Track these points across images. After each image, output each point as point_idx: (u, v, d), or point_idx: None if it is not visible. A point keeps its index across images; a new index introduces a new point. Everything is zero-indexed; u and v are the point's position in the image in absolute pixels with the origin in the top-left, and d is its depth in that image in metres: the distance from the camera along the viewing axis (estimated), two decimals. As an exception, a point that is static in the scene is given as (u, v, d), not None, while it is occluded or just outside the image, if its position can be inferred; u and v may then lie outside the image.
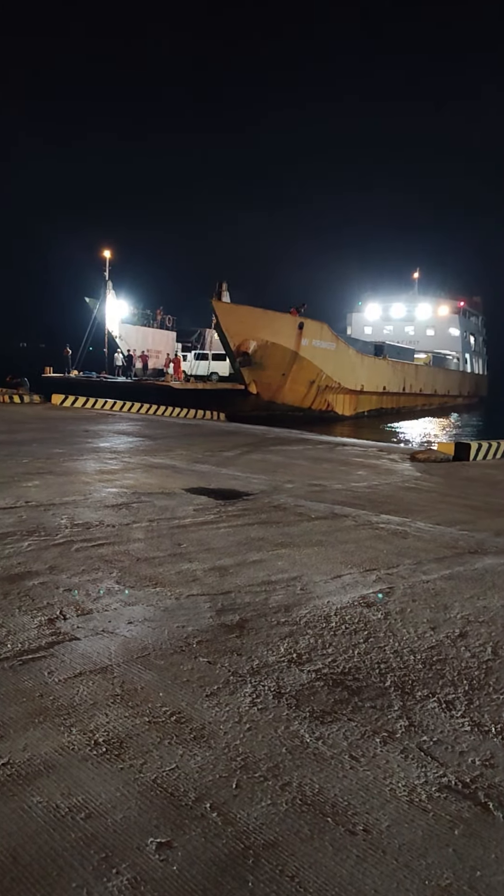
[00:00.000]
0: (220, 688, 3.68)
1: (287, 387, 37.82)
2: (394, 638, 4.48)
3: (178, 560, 6.04)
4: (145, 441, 15.55)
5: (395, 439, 32.78)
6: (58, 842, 2.47)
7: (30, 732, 3.18)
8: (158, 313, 46.48)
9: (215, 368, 41.04)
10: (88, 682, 3.69)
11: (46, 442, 14.37)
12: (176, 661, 4.00)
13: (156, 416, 24.72)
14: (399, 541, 7.09)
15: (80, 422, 19.56)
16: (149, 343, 43.90)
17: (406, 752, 3.13)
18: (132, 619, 4.62)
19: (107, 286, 42.17)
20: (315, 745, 3.16)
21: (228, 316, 35.14)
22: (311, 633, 4.51)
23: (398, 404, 50.48)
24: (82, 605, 4.87)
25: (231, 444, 15.38)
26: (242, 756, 3.05)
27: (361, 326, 68.98)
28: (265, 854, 2.45)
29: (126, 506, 8.22)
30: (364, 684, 3.80)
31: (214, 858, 2.42)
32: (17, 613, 4.65)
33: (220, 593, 5.22)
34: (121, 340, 42.69)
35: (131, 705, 3.46)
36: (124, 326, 43.34)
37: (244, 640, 4.33)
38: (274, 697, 3.60)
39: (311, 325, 38.02)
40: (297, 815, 2.67)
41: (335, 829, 2.60)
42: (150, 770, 2.92)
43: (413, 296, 70.08)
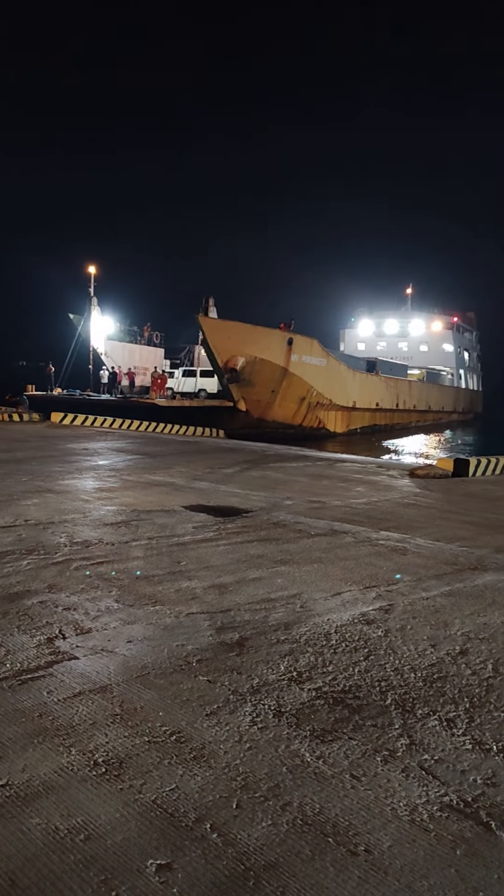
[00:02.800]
0: (220, 707, 3.67)
1: (277, 404, 37.29)
2: (394, 655, 4.46)
3: (178, 578, 6.03)
4: (144, 458, 15.56)
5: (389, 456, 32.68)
6: (57, 864, 2.45)
7: (29, 753, 3.16)
8: (146, 330, 45.90)
9: (203, 385, 40.25)
10: (88, 702, 3.67)
11: (46, 460, 14.38)
12: (176, 679, 3.98)
13: (155, 433, 24.76)
14: (399, 557, 7.08)
15: (79, 440, 19.58)
16: (135, 360, 43.13)
17: (407, 771, 3.11)
18: (131, 638, 4.60)
19: (91, 302, 41.56)
20: (316, 765, 3.14)
21: (216, 332, 34.49)
22: (312, 650, 4.49)
23: (391, 421, 50.24)
24: (81, 623, 4.85)
25: (230, 461, 15.39)
26: (243, 776, 3.03)
27: (354, 343, 69.05)
28: (266, 875, 2.43)
29: (125, 524, 8.21)
30: (365, 702, 3.78)
31: (215, 880, 2.40)
32: (16, 633, 4.64)
33: (219, 611, 5.20)
34: (106, 357, 41.89)
35: (131, 725, 3.44)
36: (110, 343, 42.58)
37: (244, 659, 4.32)
38: (274, 716, 3.58)
39: (300, 341, 37.57)
40: (297, 835, 2.65)
41: (336, 849, 2.58)
42: (150, 790, 2.90)
43: (406, 312, 70.34)
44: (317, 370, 39.04)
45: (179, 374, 42.20)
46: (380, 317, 70.48)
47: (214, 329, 34.56)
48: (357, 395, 44.26)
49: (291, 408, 38.34)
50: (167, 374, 40.67)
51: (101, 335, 42.09)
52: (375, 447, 37.11)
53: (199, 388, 40.44)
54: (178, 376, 41.82)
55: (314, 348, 39.12)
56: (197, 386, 40.67)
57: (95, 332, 41.73)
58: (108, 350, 42.52)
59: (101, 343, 42.11)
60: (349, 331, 71.24)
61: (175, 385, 40.60)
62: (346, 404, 42.81)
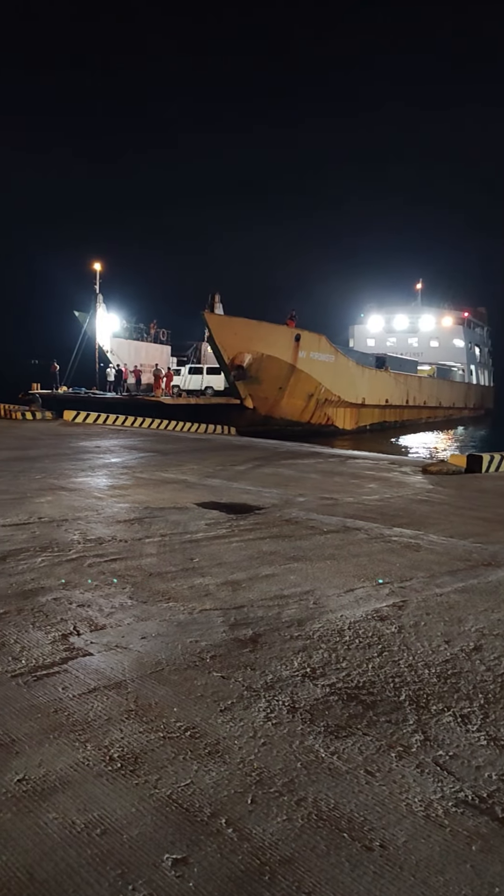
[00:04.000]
0: (235, 703, 3.68)
1: (284, 401, 36.91)
2: (408, 652, 4.45)
3: (191, 575, 6.04)
4: (156, 456, 15.60)
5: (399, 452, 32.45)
6: (74, 858, 2.47)
7: (45, 748, 3.18)
8: (152, 327, 45.50)
9: (210, 382, 39.74)
10: (102, 698, 3.69)
11: (58, 458, 14.45)
12: (190, 676, 4.00)
13: (167, 430, 24.81)
14: (412, 554, 7.07)
15: (91, 438, 19.66)
16: (142, 357, 42.77)
17: (422, 767, 3.11)
18: (145, 634, 4.62)
19: (97, 299, 41.24)
20: (330, 760, 3.14)
21: (222, 328, 34.14)
22: (325, 647, 4.49)
23: (401, 417, 49.76)
24: (95, 620, 4.88)
25: (242, 458, 15.40)
26: (257, 771, 3.04)
27: (364, 338, 68.64)
28: (281, 870, 2.43)
29: (138, 521, 8.24)
30: (379, 698, 3.78)
31: (230, 874, 2.41)
32: (31, 629, 4.67)
33: (232, 608, 5.21)
34: (112, 355, 41.59)
35: (146, 721, 3.46)
36: (115, 340, 42.29)
37: (258, 655, 4.33)
38: (288, 712, 3.59)
39: (308, 337, 37.09)
40: (312, 830, 2.65)
41: (351, 844, 2.58)
42: (165, 786, 2.91)
43: (416, 307, 69.89)
44: (325, 366, 38.61)
45: (186, 371, 41.72)
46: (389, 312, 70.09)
47: (221, 326, 34.22)
48: (366, 391, 43.82)
49: (299, 405, 37.98)
50: (173, 372, 40.31)
51: (106, 333, 41.85)
52: (385, 444, 36.74)
53: (205, 385, 39.95)
54: (184, 374, 41.35)
55: (322, 344, 38.70)
56: (203, 383, 40.16)
57: (101, 330, 41.46)
58: (114, 348, 42.17)
59: (106, 341, 41.81)
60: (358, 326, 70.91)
61: (181, 382, 40.18)
62: (354, 401, 42.39)
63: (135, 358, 42.64)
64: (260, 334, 35.10)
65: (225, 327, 34.24)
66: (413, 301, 70.95)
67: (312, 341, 37.65)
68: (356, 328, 71.00)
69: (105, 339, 41.64)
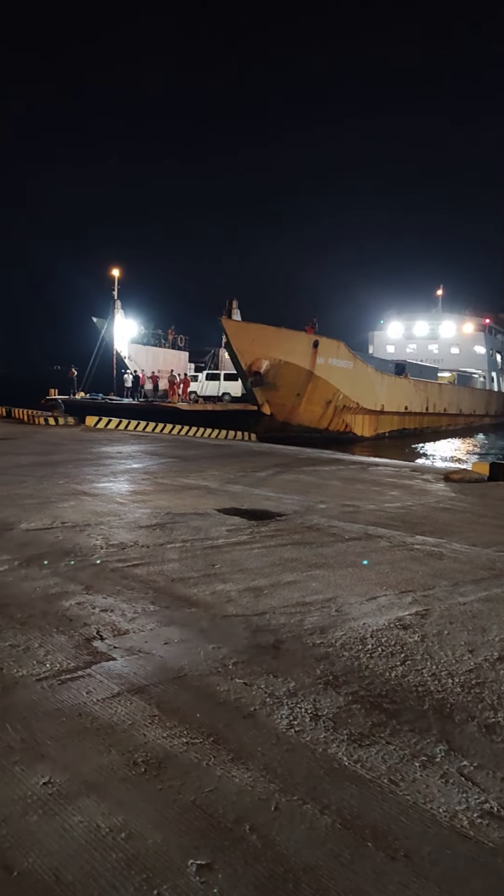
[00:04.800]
0: (257, 709, 3.68)
1: (302, 407, 36.63)
2: (431, 661, 4.43)
3: (213, 581, 6.06)
4: (178, 462, 15.66)
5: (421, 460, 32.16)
6: (99, 862, 2.49)
7: (70, 752, 3.21)
8: (170, 333, 45.56)
9: (227, 389, 39.63)
10: (126, 703, 3.71)
11: (81, 463, 14.57)
12: (212, 682, 4.01)
13: (188, 436, 24.90)
14: (435, 562, 7.03)
15: (112, 443, 19.79)
16: (159, 363, 42.67)
17: (446, 777, 3.09)
18: (168, 640, 4.64)
19: (115, 305, 41.35)
20: (353, 769, 3.14)
21: (239, 334, 34.00)
22: (348, 655, 4.48)
23: (421, 425, 49.35)
24: (118, 625, 4.91)
25: (263, 465, 15.41)
26: (281, 778, 3.04)
27: (384, 345, 68.33)
28: (306, 878, 2.43)
29: (160, 526, 8.28)
30: (402, 707, 3.76)
31: (255, 881, 2.41)
32: (54, 633, 4.71)
33: (254, 614, 5.22)
34: (129, 361, 41.59)
35: (169, 726, 3.47)
36: (133, 346, 42.29)
37: (280, 662, 4.33)
38: (311, 720, 3.59)
39: (326, 344, 36.86)
40: (336, 838, 2.65)
41: (376, 854, 2.57)
42: (189, 791, 2.92)
43: (436, 313, 69.48)
44: (343, 373, 38.36)
45: (203, 377, 41.63)
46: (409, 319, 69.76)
47: (238, 332, 34.13)
48: (385, 398, 43.52)
49: (317, 411, 37.71)
50: (190, 378, 40.26)
51: (124, 338, 41.99)
52: (405, 451, 36.47)
53: (222, 391, 39.91)
54: (201, 380, 41.25)
55: (341, 351, 38.48)
56: (220, 389, 40.11)
57: (119, 336, 41.61)
58: (132, 353, 42.28)
59: (124, 346, 41.94)
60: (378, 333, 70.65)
61: (198, 388, 40.07)
62: (373, 408, 42.11)
63: (152, 364, 42.69)
64: (278, 340, 34.98)
65: (242, 333, 34.18)
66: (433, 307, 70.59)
67: (331, 347, 37.46)
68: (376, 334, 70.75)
69: (123, 344, 41.77)
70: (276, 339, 35.00)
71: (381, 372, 44.25)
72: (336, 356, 37.91)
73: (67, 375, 41.59)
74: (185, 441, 22.48)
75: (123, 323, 41.86)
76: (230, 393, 39.30)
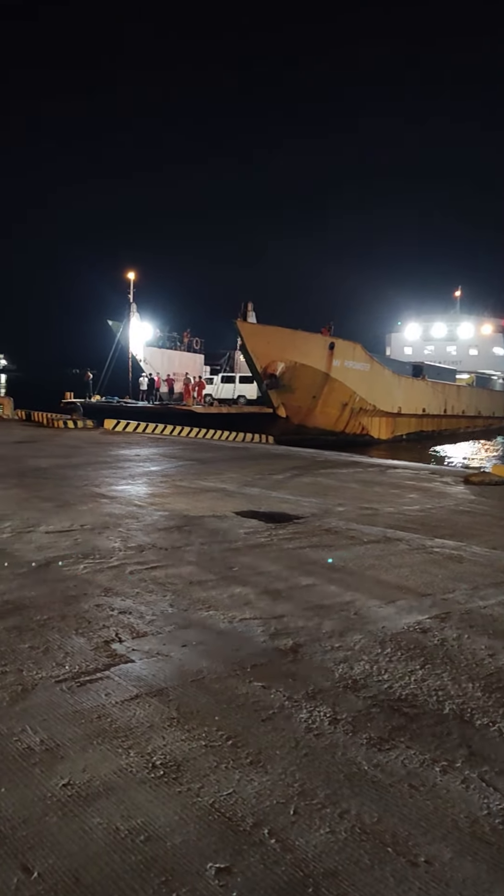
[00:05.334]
0: (276, 713, 3.67)
1: (318, 410, 36.32)
2: (451, 664, 4.39)
3: (231, 583, 6.06)
4: (195, 464, 15.69)
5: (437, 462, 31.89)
6: (118, 864, 2.49)
7: (89, 754, 3.22)
8: (185, 336, 45.47)
9: (242, 391, 39.50)
10: (145, 705, 3.72)
11: (99, 466, 14.64)
12: (231, 685, 4.00)
13: (205, 439, 24.95)
14: (454, 565, 6.97)
15: (131, 446, 19.87)
16: (175, 366, 42.65)
17: (467, 782, 3.06)
18: (186, 642, 4.65)
19: (130, 308, 41.34)
20: (373, 773, 3.11)
21: (254, 337, 33.81)
22: (366, 658, 4.45)
23: (439, 427, 48.81)
24: (137, 627, 4.92)
25: (280, 467, 15.39)
26: (299, 782, 3.02)
27: (401, 347, 67.89)
28: (325, 883, 2.42)
29: (178, 529, 8.30)
30: (422, 711, 3.73)
31: (274, 886, 2.40)
32: (73, 635, 4.73)
33: (272, 617, 5.21)
34: (145, 364, 41.56)
35: (187, 729, 3.47)
36: (149, 349, 42.26)
37: (298, 665, 4.31)
38: (330, 723, 3.57)
39: (342, 346, 36.51)
40: (356, 843, 2.63)
41: (396, 859, 2.55)
42: (208, 794, 2.92)
43: (455, 315, 69.02)
44: (360, 375, 38.00)
45: (218, 380, 41.51)
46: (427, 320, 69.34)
47: (253, 334, 33.95)
48: (402, 400, 43.10)
49: (333, 414, 37.42)
50: (205, 381, 40.11)
51: (139, 341, 41.96)
52: (422, 454, 36.15)
53: (237, 394, 39.72)
54: (216, 382, 41.15)
55: (357, 353, 38.13)
56: (236, 392, 39.92)
57: (134, 339, 41.54)
58: (147, 356, 42.28)
59: (139, 349, 41.90)
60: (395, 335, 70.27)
61: (213, 391, 39.96)
62: (390, 410, 41.70)
63: (168, 367, 42.64)
64: (293, 343, 34.76)
65: (258, 336, 34.00)
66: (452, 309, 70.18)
67: (347, 349, 37.15)
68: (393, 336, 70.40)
69: (138, 347, 41.79)
70: (292, 341, 34.79)
71: (398, 374, 43.88)
72: (352, 358, 37.58)
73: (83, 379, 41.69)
74: (203, 444, 22.52)
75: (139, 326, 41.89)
76: (245, 395, 39.19)
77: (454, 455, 38.54)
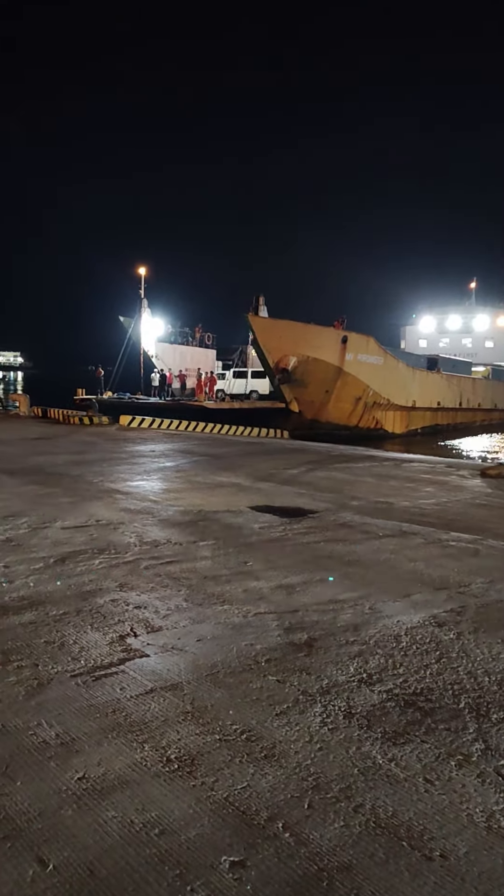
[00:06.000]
0: (290, 707, 3.66)
1: (331, 404, 35.99)
2: (467, 658, 4.36)
3: (245, 578, 6.06)
4: (210, 460, 15.70)
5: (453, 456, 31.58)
6: (133, 857, 2.50)
7: (104, 748, 3.23)
8: (197, 331, 45.16)
9: (255, 386, 39.03)
10: (159, 699, 3.73)
11: (115, 462, 14.70)
12: (245, 679, 4.00)
13: (220, 434, 24.97)
14: (470, 559, 6.92)
15: (146, 442, 19.93)
16: (187, 362, 42.33)
17: (483, 777, 3.04)
18: (201, 637, 4.65)
19: (142, 304, 41.03)
20: (388, 767, 3.10)
21: (266, 331, 33.48)
22: (381, 652, 4.44)
23: (454, 420, 48.28)
24: (152, 622, 4.93)
25: (295, 462, 15.37)
26: (314, 776, 3.02)
27: (416, 339, 67.37)
28: (339, 877, 2.41)
29: (192, 524, 8.31)
30: (437, 705, 3.71)
31: (288, 879, 2.40)
32: (89, 630, 4.76)
33: (287, 611, 5.20)
34: (157, 359, 41.30)
35: (202, 723, 3.48)
36: (160, 345, 41.97)
37: (313, 660, 4.30)
38: (344, 717, 3.56)
39: (355, 339, 36.12)
40: (371, 837, 2.62)
41: (411, 853, 2.54)
42: (222, 788, 2.92)
43: (470, 307, 68.45)
44: (373, 369, 37.60)
45: (230, 375, 41.10)
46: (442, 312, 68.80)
47: (265, 328, 33.62)
48: (417, 394, 42.62)
49: (346, 408, 37.05)
50: (217, 376, 39.72)
51: (151, 337, 41.72)
52: (437, 448, 35.73)
53: (250, 389, 39.32)
54: (228, 377, 40.73)
55: (370, 346, 37.70)
56: (248, 387, 39.51)
57: (146, 335, 41.29)
58: (159, 352, 42.02)
59: (151, 345, 41.60)
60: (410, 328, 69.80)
61: (226, 387, 39.56)
62: (404, 404, 41.30)
63: (180, 362, 42.34)
64: (305, 336, 34.40)
65: (269, 330, 33.66)
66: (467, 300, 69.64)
67: (360, 343, 36.75)
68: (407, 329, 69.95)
69: (150, 343, 41.61)
70: (304, 335, 34.44)
71: (412, 367, 43.49)
72: (365, 352, 37.19)
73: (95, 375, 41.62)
74: (217, 439, 22.54)
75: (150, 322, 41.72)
76: (258, 391, 38.80)
77: (470, 448, 38.24)
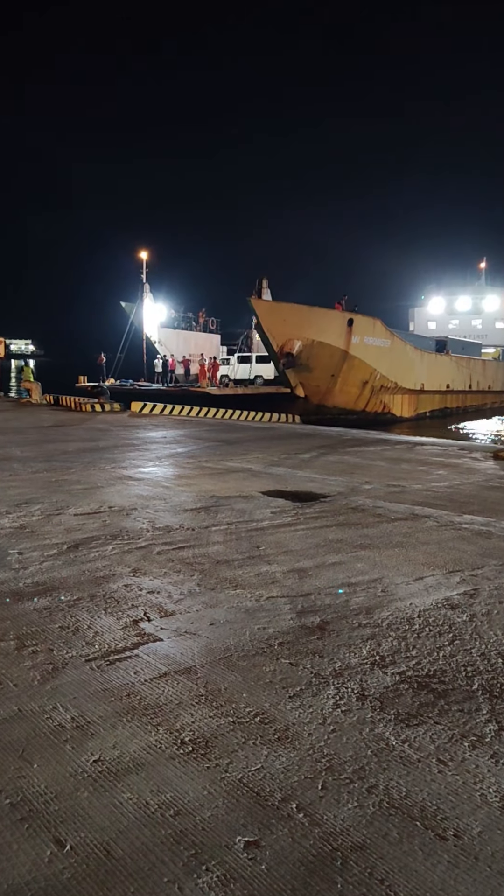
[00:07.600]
0: (303, 689, 3.68)
1: (337, 388, 35.38)
2: (480, 640, 4.36)
3: (257, 562, 6.07)
4: (221, 445, 15.71)
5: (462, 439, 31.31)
6: (148, 837, 2.53)
7: (119, 731, 3.26)
8: (201, 316, 44.44)
9: (259, 371, 38.46)
10: (173, 683, 3.75)
11: (127, 448, 14.74)
12: (258, 662, 4.02)
13: (231, 420, 24.96)
14: (483, 541, 6.90)
15: (157, 428, 19.95)
16: (190, 347, 41.76)
17: (496, 757, 3.05)
18: (214, 621, 4.67)
19: (143, 289, 40.47)
20: (401, 748, 3.11)
21: (270, 315, 32.75)
22: (394, 635, 4.44)
23: (464, 403, 47.65)
24: (165, 606, 4.96)
25: (307, 447, 15.35)
26: (327, 758, 3.03)
27: (425, 321, 66.51)
28: (353, 856, 2.43)
29: (205, 509, 8.33)
30: (450, 687, 3.72)
31: (302, 859, 2.42)
32: (103, 615, 4.79)
33: (299, 595, 5.21)
34: (160, 345, 40.75)
35: (215, 706, 3.50)
36: (164, 331, 41.37)
37: (326, 642, 4.32)
38: (357, 699, 3.57)
39: (361, 322, 35.37)
40: (384, 817, 2.63)
41: (424, 833, 2.55)
42: (236, 770, 2.94)
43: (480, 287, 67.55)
44: (380, 352, 36.91)
45: (234, 360, 40.43)
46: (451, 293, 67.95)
47: (269, 312, 32.99)
48: (425, 376, 41.84)
49: (353, 392, 36.43)
50: (219, 362, 39.12)
51: (154, 323, 41.03)
52: (447, 431, 35.23)
53: (254, 374, 38.69)
54: (233, 363, 40.09)
55: (377, 328, 36.95)
56: (252, 372, 38.85)
57: (148, 320, 40.65)
58: (162, 338, 41.39)
59: (154, 331, 40.98)
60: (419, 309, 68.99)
61: (230, 372, 39.00)
62: (413, 387, 40.59)
63: (184, 348, 41.68)
64: (310, 320, 33.72)
65: (273, 313, 33.00)
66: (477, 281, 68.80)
67: (366, 325, 36.01)
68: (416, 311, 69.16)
69: (153, 329, 41.07)
70: (309, 318, 33.77)
71: (420, 350, 42.74)
72: (372, 334, 36.44)
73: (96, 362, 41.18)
74: (229, 424, 22.52)
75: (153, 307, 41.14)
76: (262, 376, 38.23)
77: (481, 431, 37.94)
